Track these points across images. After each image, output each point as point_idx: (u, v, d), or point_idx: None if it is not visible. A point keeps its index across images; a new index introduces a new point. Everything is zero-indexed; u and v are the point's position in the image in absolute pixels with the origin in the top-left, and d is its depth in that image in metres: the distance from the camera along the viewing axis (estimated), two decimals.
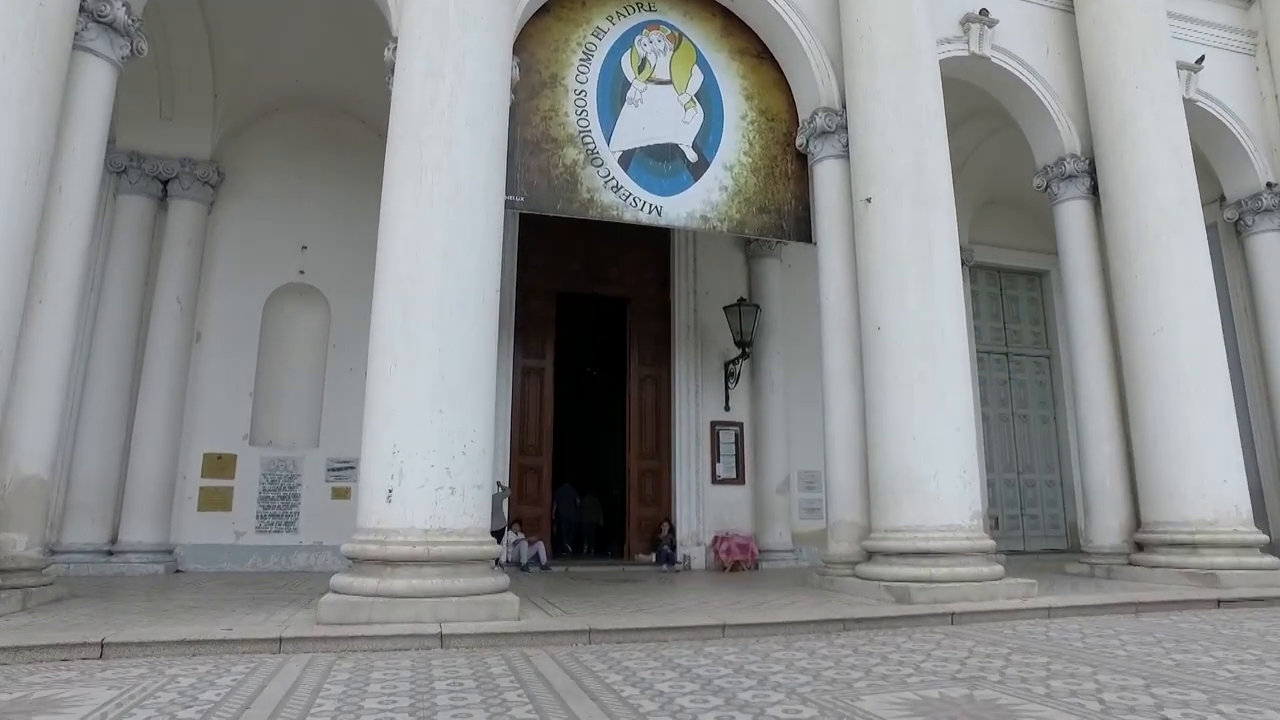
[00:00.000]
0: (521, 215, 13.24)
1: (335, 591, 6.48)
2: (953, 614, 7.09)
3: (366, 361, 7.15)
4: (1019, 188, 15.76)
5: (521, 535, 12.21)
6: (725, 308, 13.21)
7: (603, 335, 15.89)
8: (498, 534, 11.57)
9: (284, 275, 12.28)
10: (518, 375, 13.08)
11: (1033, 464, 16.12)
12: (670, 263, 14.11)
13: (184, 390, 11.40)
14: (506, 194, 9.53)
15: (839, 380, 9.55)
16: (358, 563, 6.61)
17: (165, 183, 11.57)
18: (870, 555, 8.64)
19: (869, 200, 9.16)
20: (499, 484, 11.94)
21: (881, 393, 8.65)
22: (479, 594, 6.57)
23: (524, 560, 11.96)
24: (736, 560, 12.19)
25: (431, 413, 6.77)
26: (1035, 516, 15.85)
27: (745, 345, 13.11)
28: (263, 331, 12.12)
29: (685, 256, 14.07)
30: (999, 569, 8.11)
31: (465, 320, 7.10)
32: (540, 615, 6.85)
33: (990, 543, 8.21)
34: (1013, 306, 16.92)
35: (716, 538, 12.66)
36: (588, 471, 18.13)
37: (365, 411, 7.02)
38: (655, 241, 14.24)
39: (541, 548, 12.18)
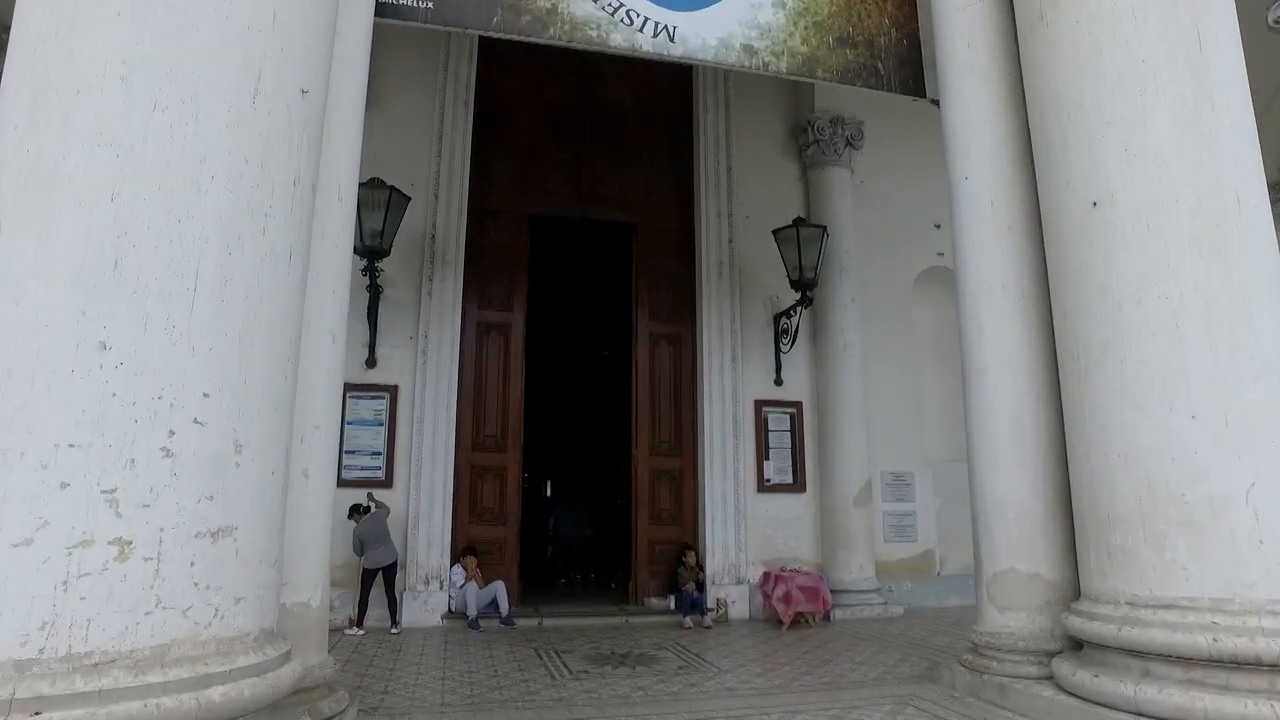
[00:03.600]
0: (476, 104, 9.16)
1: None
2: None
3: None
4: None
5: (472, 575, 8.07)
6: (776, 232, 8.97)
7: (597, 278, 11.64)
8: (380, 574, 7.55)
9: None
10: (470, 334, 8.96)
11: None
12: (694, 174, 9.89)
13: None
14: None
15: (996, 312, 5.32)
16: None
17: None
18: (1082, 645, 4.43)
19: None
20: (370, 497, 7.82)
21: (1109, 326, 4.37)
22: None
23: (473, 611, 7.83)
24: (800, 612, 7.96)
25: (73, 345, 2.66)
26: None
27: (806, 288, 8.87)
28: None
29: (715, 164, 9.83)
30: None
31: (202, 126, 2.96)
32: None
33: None
34: None
35: (767, 575, 8.43)
36: (574, 475, 14.01)
37: None
38: (673, 143, 10.05)
39: (502, 591, 8.04)
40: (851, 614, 8.50)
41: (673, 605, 8.48)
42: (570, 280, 12.15)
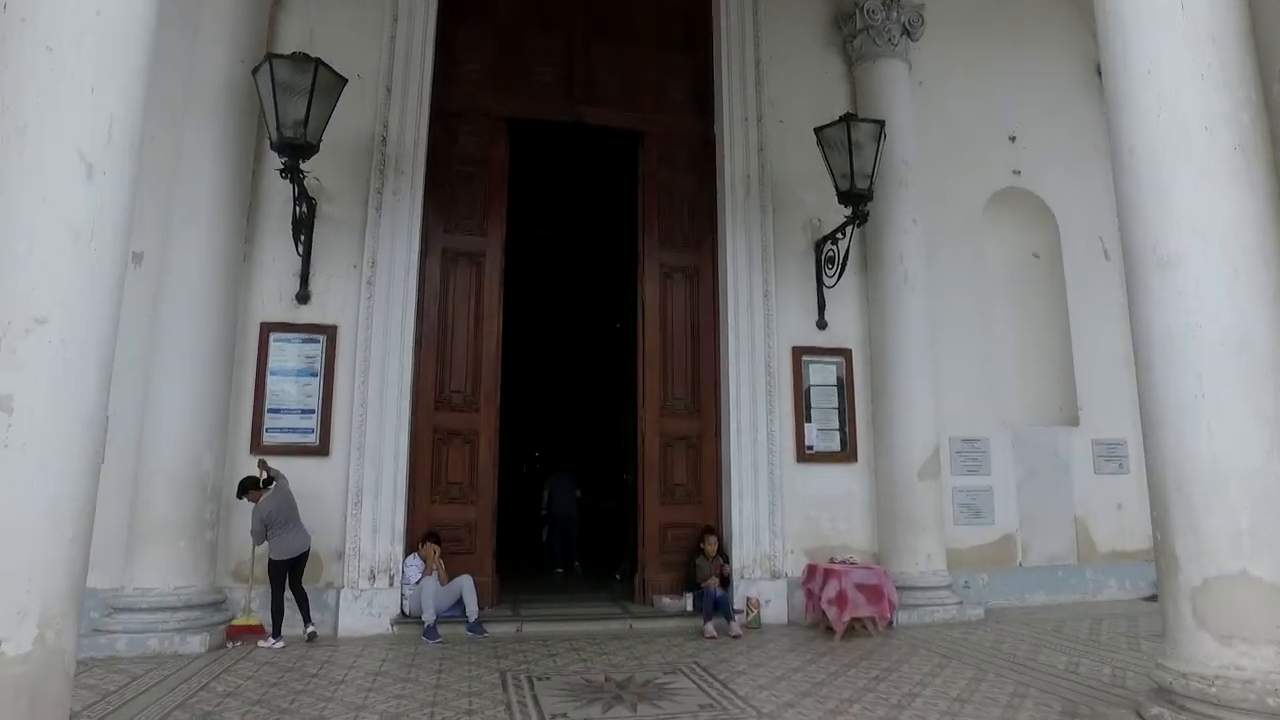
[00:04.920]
0: None
1: None
2: None
3: None
4: None
5: (433, 568, 6.26)
6: (821, 130, 6.99)
7: (595, 197, 9.71)
8: (284, 565, 5.79)
9: None
10: (432, 264, 7.09)
11: None
12: (715, 68, 7.93)
13: None
14: None
15: (1195, 166, 3.41)
16: None
17: None
18: None
19: None
20: (262, 466, 6.00)
21: None
22: None
23: (430, 615, 6.01)
24: (858, 618, 6.11)
25: None
26: None
27: (859, 201, 6.89)
28: None
29: (741, 56, 7.86)
30: None
31: None
32: None
33: None
34: None
35: (813, 568, 6.57)
36: (571, 442, 12.14)
37: None
38: (688, 30, 8.12)
39: (470, 588, 6.21)
40: (918, 617, 6.62)
41: (690, 606, 6.65)
42: (561, 200, 10.13)
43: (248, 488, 5.86)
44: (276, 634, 5.70)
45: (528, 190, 8.46)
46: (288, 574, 5.84)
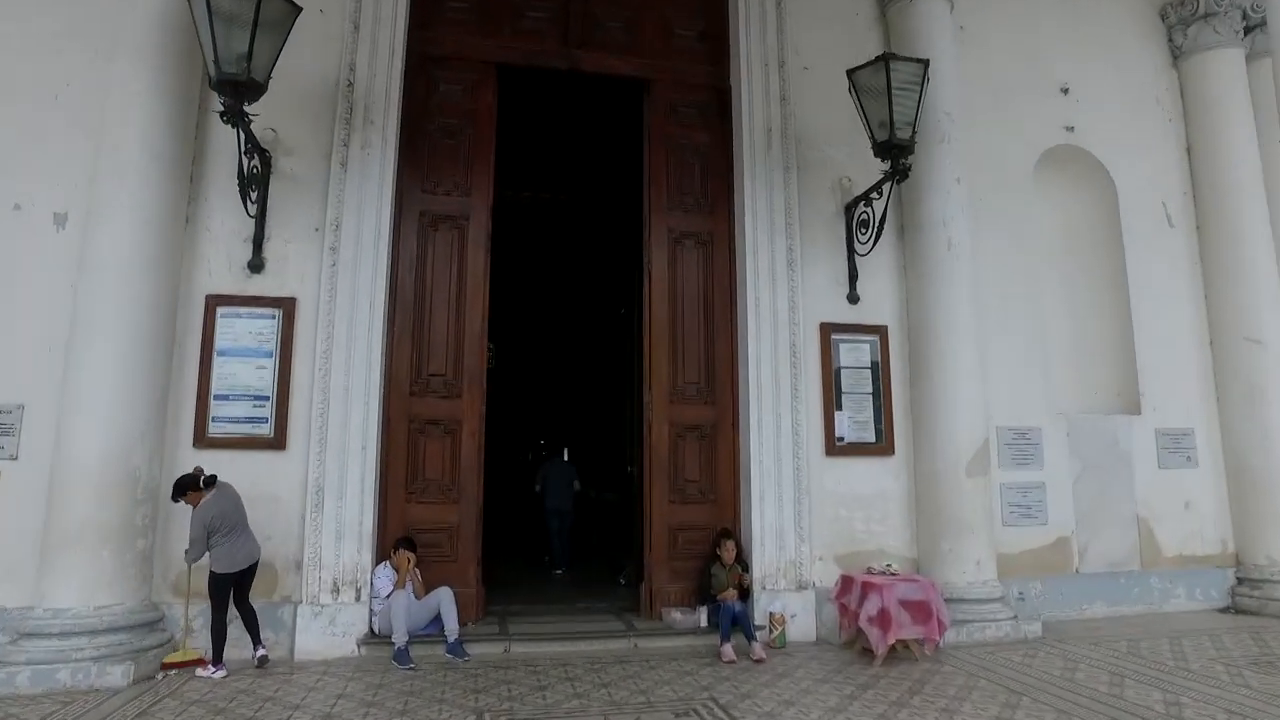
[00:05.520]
0: None
1: None
2: None
3: None
4: None
5: (407, 578, 5.38)
6: (854, 72, 6.02)
7: (594, 154, 8.74)
8: (228, 580, 4.92)
9: None
10: (408, 228, 6.19)
11: None
12: (731, 7, 6.99)
13: None
14: None
15: None
16: None
17: None
18: None
19: None
20: (199, 470, 5.12)
21: None
22: None
23: (401, 636, 5.14)
24: (901, 640, 5.21)
25: None
26: None
27: (899, 155, 5.91)
28: None
29: None
30: None
31: None
32: None
33: None
34: None
35: (848, 580, 5.67)
36: (564, 429, 11.23)
37: None
38: None
39: (449, 602, 5.35)
40: (968, 635, 5.73)
41: (704, 622, 5.77)
42: (557, 158, 9.14)
43: (185, 488, 4.98)
44: (218, 661, 4.83)
45: (519, 147, 7.53)
46: (233, 589, 4.97)
